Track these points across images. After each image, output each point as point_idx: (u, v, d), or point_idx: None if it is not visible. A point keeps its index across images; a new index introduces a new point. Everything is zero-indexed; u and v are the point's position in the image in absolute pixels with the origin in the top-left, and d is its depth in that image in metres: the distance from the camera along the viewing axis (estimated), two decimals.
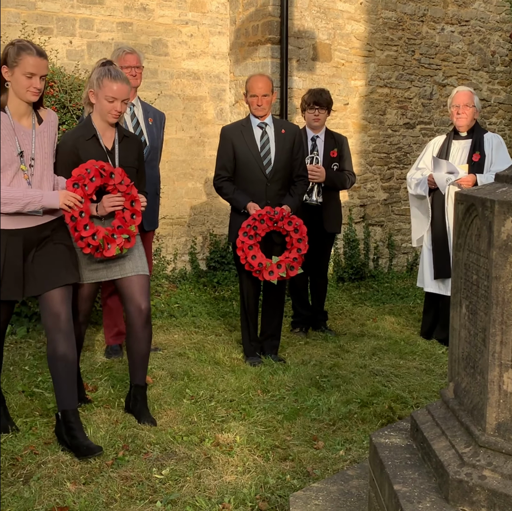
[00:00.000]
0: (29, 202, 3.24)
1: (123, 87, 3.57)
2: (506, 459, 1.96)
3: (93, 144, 3.62)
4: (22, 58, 3.21)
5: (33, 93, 3.26)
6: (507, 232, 1.92)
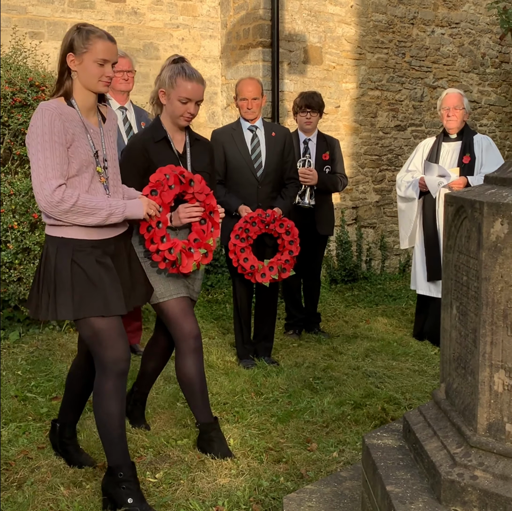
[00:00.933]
0: (112, 213, 2.81)
1: (198, 87, 3.26)
2: (497, 459, 1.98)
3: (164, 146, 3.33)
4: (93, 43, 2.78)
5: (106, 83, 2.84)
6: (496, 233, 1.93)
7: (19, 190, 5.14)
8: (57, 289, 2.78)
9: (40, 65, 6.17)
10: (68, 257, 2.79)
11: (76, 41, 2.79)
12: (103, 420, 2.83)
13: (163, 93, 3.30)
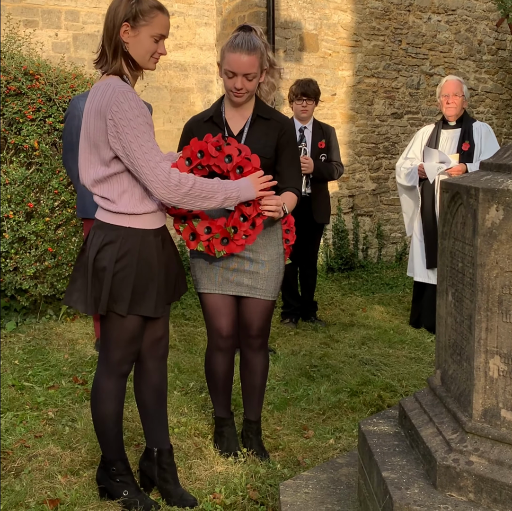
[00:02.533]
0: (228, 197, 2.62)
1: (243, 58, 2.84)
2: (492, 445, 1.99)
3: (211, 127, 3.02)
4: (154, 16, 2.53)
5: (156, 60, 2.63)
6: (491, 219, 1.93)
7: (14, 179, 5.12)
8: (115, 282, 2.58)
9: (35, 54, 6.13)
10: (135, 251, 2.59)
11: (136, 11, 2.51)
12: (100, 418, 2.76)
13: (219, 66, 2.99)
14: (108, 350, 2.71)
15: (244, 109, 3.02)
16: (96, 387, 2.75)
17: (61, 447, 3.28)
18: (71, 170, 4.85)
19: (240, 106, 3.00)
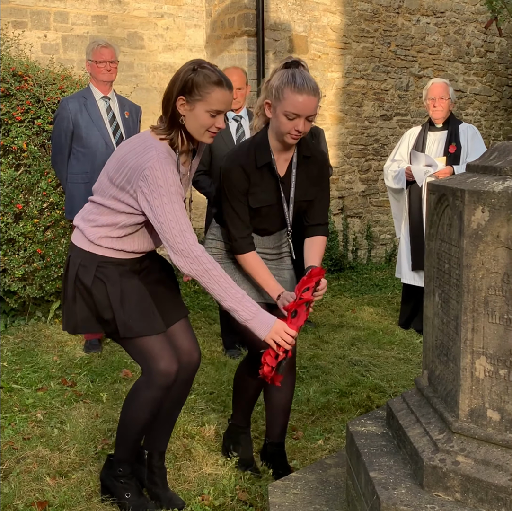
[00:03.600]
0: (235, 310, 2.51)
1: (309, 100, 2.68)
2: (479, 445, 2.00)
3: (265, 173, 2.81)
4: (210, 92, 2.48)
5: (213, 134, 2.58)
6: (477, 221, 1.94)
7: (2, 180, 5.10)
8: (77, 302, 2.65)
9: (23, 55, 6.12)
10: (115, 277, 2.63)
11: (191, 84, 2.48)
12: (127, 422, 2.73)
13: (269, 105, 2.75)
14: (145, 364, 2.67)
15: (289, 149, 2.85)
16: (134, 392, 2.71)
17: (50, 449, 3.27)
18: (60, 172, 4.85)
19: (289, 148, 2.83)
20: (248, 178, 2.78)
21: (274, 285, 2.81)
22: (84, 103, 4.74)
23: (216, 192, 2.97)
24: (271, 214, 2.89)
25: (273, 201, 2.85)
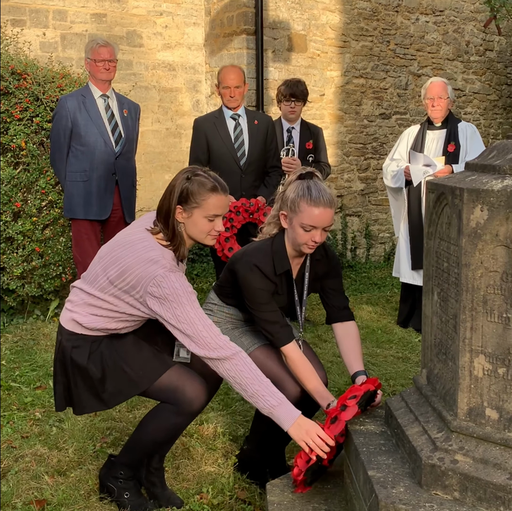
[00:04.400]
0: (266, 394, 2.43)
1: (325, 212, 2.70)
2: (477, 444, 2.00)
3: (282, 278, 2.86)
4: (205, 199, 2.55)
5: (214, 237, 2.66)
6: (476, 220, 1.94)
7: (1, 179, 5.10)
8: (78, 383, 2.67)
9: (22, 53, 6.11)
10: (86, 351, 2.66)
11: (186, 194, 2.55)
12: (143, 437, 2.72)
13: (285, 216, 2.78)
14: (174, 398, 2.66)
15: (302, 255, 2.88)
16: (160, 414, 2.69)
17: (48, 448, 3.27)
18: (58, 170, 4.85)
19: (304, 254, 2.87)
20: (271, 281, 2.80)
21: (323, 392, 2.74)
22: (83, 101, 4.74)
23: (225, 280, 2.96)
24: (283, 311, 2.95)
25: (286, 302, 2.92)
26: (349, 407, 2.42)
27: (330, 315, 3.03)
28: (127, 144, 4.89)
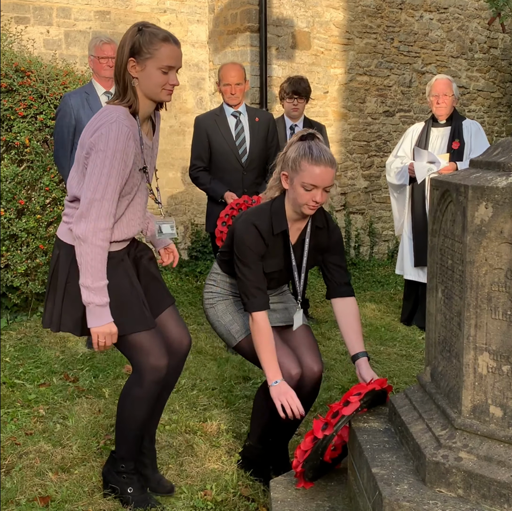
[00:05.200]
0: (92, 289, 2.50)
1: (326, 171, 2.71)
2: (481, 441, 2.00)
3: (279, 240, 2.86)
4: (157, 48, 2.48)
5: (169, 91, 2.58)
6: (481, 217, 1.94)
7: (5, 176, 5.10)
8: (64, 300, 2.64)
9: (26, 50, 6.12)
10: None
11: (139, 45, 2.48)
12: (124, 420, 2.76)
13: (286, 176, 2.79)
14: (135, 359, 2.69)
15: (303, 219, 2.89)
16: (127, 392, 2.73)
17: (52, 445, 3.28)
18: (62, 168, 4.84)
19: (303, 217, 2.87)
20: (265, 242, 2.81)
21: (274, 367, 2.77)
22: (87, 98, 4.74)
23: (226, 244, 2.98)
24: (280, 279, 2.97)
25: (282, 267, 2.91)
26: (352, 403, 2.42)
27: (330, 289, 3.02)
28: None
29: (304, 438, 2.49)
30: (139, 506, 2.73)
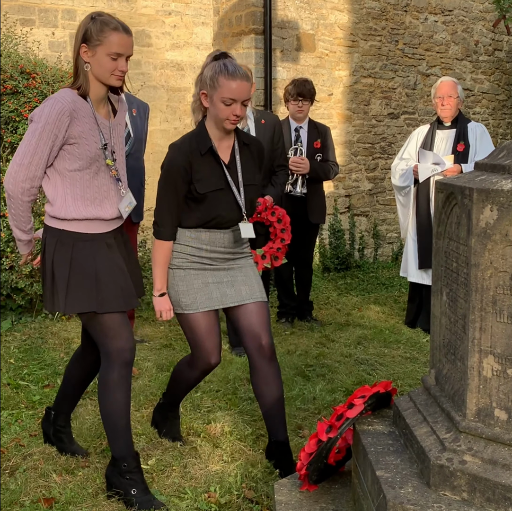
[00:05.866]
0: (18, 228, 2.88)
1: (243, 85, 2.88)
2: (486, 444, 1.99)
3: (209, 159, 2.96)
4: (107, 36, 2.68)
5: (119, 77, 2.75)
6: (486, 219, 1.94)
7: None
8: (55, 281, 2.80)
9: (31, 52, 6.14)
10: (67, 252, 2.78)
11: (90, 32, 2.70)
12: (108, 410, 2.83)
13: (205, 95, 2.93)
14: (102, 343, 2.84)
15: (227, 136, 3.02)
16: (102, 380, 2.85)
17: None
18: None
19: (228, 134, 3.01)
20: (190, 167, 2.92)
21: (162, 279, 3.02)
22: None
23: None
24: (223, 201, 3.00)
25: (221, 186, 2.98)
26: (356, 405, 2.42)
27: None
28: (136, 144, 4.89)
29: (308, 440, 2.49)
30: (143, 508, 2.73)
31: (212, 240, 3.03)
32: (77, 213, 2.78)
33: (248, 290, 3.08)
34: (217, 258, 3.05)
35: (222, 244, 3.05)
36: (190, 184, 2.93)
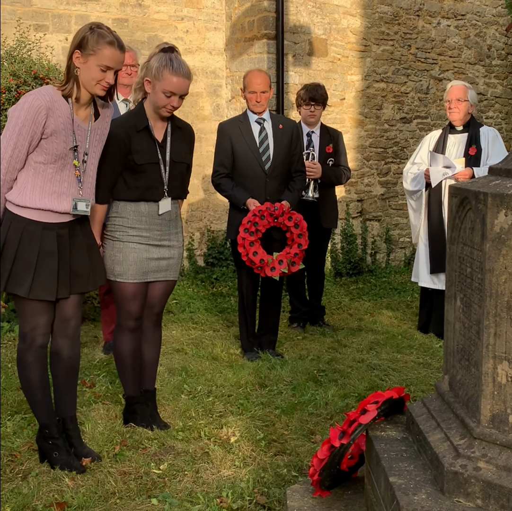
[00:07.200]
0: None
1: (184, 82, 3.27)
2: (500, 451, 1.98)
3: (145, 136, 3.35)
4: (101, 48, 2.88)
5: (103, 87, 2.94)
6: (500, 224, 1.92)
7: None
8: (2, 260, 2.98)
9: (45, 58, 6.17)
10: (17, 236, 2.94)
11: (86, 41, 2.88)
12: (26, 386, 3.13)
13: (148, 82, 3.31)
14: (22, 325, 3.09)
15: (162, 119, 3.40)
16: (19, 360, 3.12)
17: None
18: None
19: (163, 117, 3.39)
20: (129, 140, 3.29)
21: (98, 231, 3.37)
22: None
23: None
24: (157, 174, 3.39)
25: (155, 160, 3.37)
26: (369, 411, 2.41)
27: None
28: None
29: (321, 446, 2.48)
30: (63, 469, 3.05)
31: (151, 213, 3.40)
32: (31, 203, 2.94)
33: (170, 270, 3.51)
34: (155, 230, 3.42)
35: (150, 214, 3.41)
36: (128, 155, 3.29)
